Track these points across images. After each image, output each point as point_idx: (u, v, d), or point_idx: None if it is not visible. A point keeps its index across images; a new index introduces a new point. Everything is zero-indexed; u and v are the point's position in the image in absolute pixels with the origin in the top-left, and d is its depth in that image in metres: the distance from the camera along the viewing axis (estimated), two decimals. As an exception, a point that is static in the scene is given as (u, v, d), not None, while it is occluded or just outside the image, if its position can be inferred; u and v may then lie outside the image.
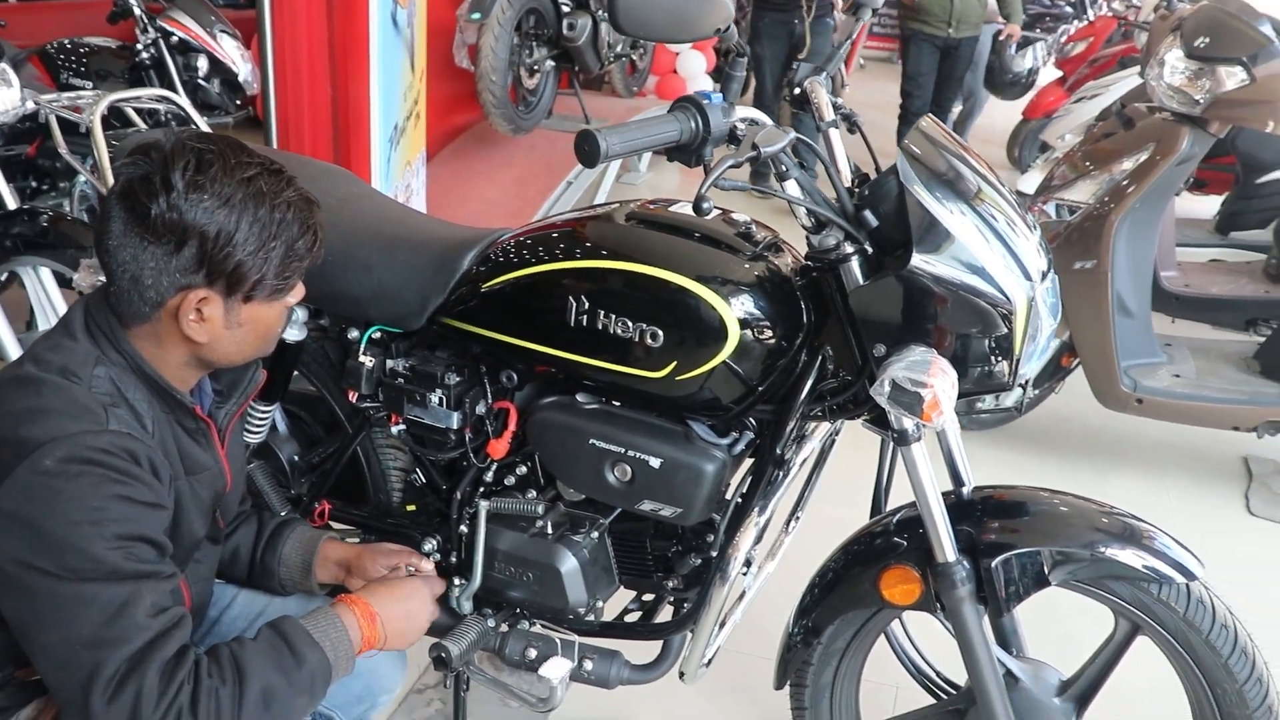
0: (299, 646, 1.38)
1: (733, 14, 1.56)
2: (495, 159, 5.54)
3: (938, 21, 6.12)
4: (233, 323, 1.38)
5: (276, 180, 1.36)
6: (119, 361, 1.35)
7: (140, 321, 1.35)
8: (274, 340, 1.48)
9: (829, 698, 1.94)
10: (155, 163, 1.30)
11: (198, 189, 1.29)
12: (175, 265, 1.30)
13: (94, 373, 1.32)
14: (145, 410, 1.36)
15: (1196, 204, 5.66)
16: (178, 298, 1.33)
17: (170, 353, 1.38)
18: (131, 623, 1.23)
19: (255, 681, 1.31)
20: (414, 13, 3.97)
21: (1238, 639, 1.65)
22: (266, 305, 1.40)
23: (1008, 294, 1.48)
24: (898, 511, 1.79)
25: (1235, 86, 2.96)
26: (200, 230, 1.29)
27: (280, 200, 1.35)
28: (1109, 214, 3.11)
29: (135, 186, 1.30)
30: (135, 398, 1.35)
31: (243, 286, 1.35)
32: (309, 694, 1.38)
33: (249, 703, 1.30)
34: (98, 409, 1.29)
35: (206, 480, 1.48)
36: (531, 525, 1.80)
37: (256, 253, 1.34)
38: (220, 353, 1.41)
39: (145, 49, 4.13)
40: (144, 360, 1.37)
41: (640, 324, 1.59)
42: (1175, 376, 3.32)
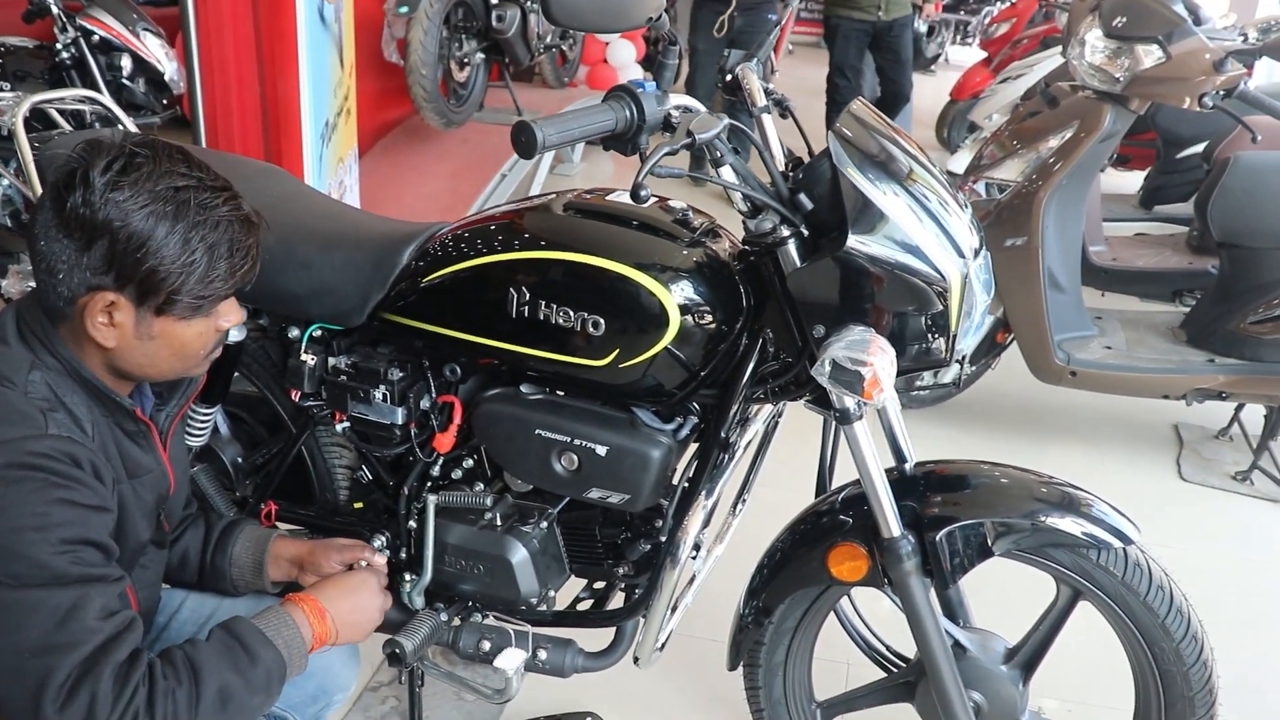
0: (252, 645, 1.37)
1: (663, 2, 1.57)
2: (428, 153, 5.50)
3: (868, 6, 5.91)
4: (143, 334, 1.34)
5: (212, 196, 1.33)
6: (54, 365, 1.33)
7: (62, 320, 1.33)
8: (197, 359, 1.42)
9: (782, 676, 1.96)
10: (86, 157, 1.28)
11: (116, 188, 1.26)
12: (85, 263, 1.27)
13: (29, 378, 1.30)
14: (84, 414, 1.34)
15: (1121, 180, 5.79)
16: (87, 297, 1.29)
17: (89, 354, 1.35)
18: (81, 627, 1.22)
19: (211, 682, 1.30)
20: (341, 7, 3.93)
21: (1173, 599, 1.71)
22: (183, 322, 1.35)
23: (942, 272, 1.50)
24: (842, 490, 1.82)
25: (1152, 64, 3.02)
26: (111, 229, 1.26)
27: (209, 217, 1.31)
28: (1037, 191, 3.17)
29: (62, 179, 1.28)
30: (73, 401, 1.33)
31: (155, 297, 1.31)
32: (265, 693, 1.38)
33: (206, 703, 1.29)
34: (35, 414, 1.27)
35: (149, 483, 1.46)
36: (480, 518, 1.80)
37: (173, 265, 1.29)
38: (132, 363, 1.36)
39: (65, 48, 4.03)
40: (79, 363, 1.35)
41: (581, 313, 1.60)
42: (1106, 348, 3.40)
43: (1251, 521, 3.23)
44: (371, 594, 1.63)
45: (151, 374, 1.41)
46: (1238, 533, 3.17)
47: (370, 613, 1.62)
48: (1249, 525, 3.21)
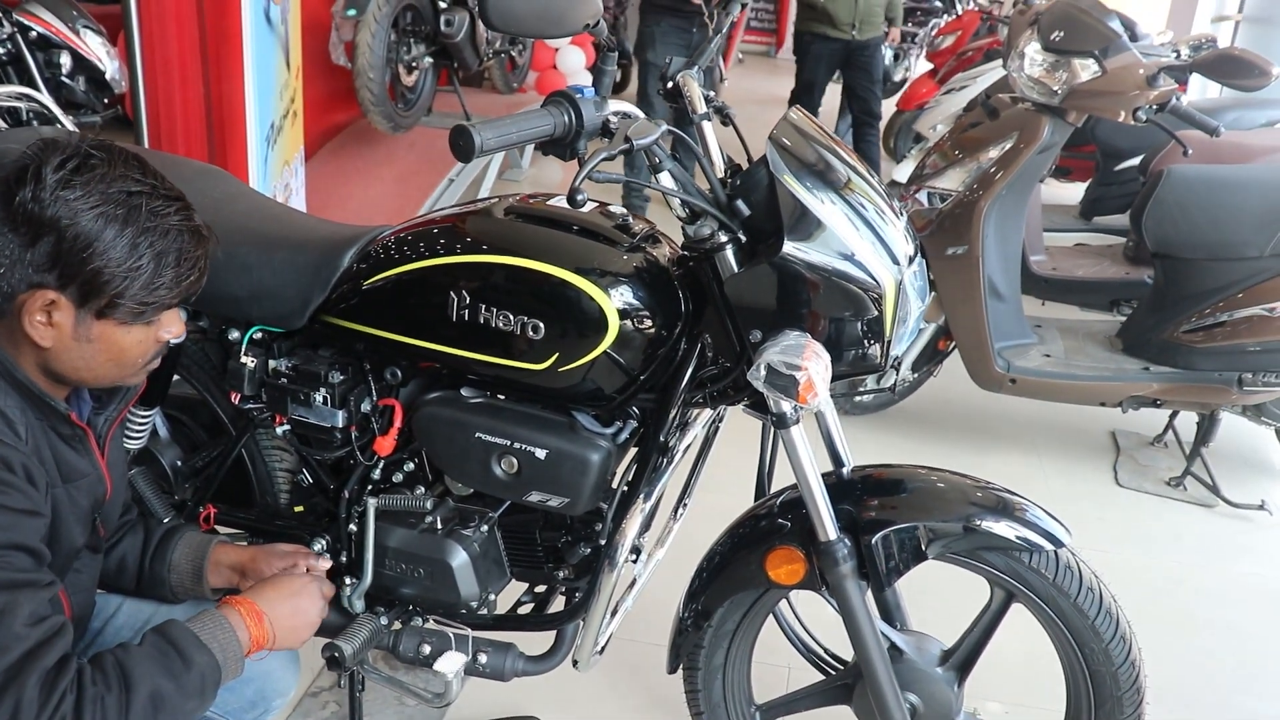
0: (186, 649, 1.36)
1: (601, 9, 1.58)
2: (375, 157, 5.47)
3: (842, 24, 5.88)
4: (81, 336, 1.32)
5: (164, 204, 1.32)
6: None
7: None
8: (134, 368, 1.41)
9: (721, 679, 1.98)
10: (40, 155, 1.27)
11: (67, 186, 1.25)
12: (29, 260, 1.26)
13: None
14: (17, 417, 1.32)
15: (1063, 190, 5.90)
16: (27, 294, 1.27)
17: (24, 355, 1.33)
18: (8, 633, 1.20)
19: (142, 687, 1.29)
20: (288, 9, 3.90)
21: (1103, 601, 1.74)
22: (123, 328, 1.34)
23: (877, 278, 1.53)
24: (781, 494, 1.84)
25: (1089, 78, 3.09)
26: (58, 227, 1.25)
27: (159, 224, 1.31)
28: (978, 201, 3.22)
29: (12, 174, 1.26)
30: (6, 404, 1.31)
31: (97, 300, 1.29)
32: (199, 697, 1.36)
33: (136, 709, 1.27)
34: None
35: (85, 487, 1.44)
36: (421, 521, 1.80)
37: (118, 268, 1.28)
38: (68, 365, 1.35)
39: (1, 44, 3.95)
40: (14, 365, 1.33)
41: (521, 317, 1.61)
42: (1046, 356, 3.45)
43: (1184, 526, 3.30)
44: (311, 597, 1.61)
45: (87, 378, 1.39)
46: (1171, 537, 3.24)
47: (309, 616, 1.60)
48: (1182, 529, 3.28)
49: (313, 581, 1.63)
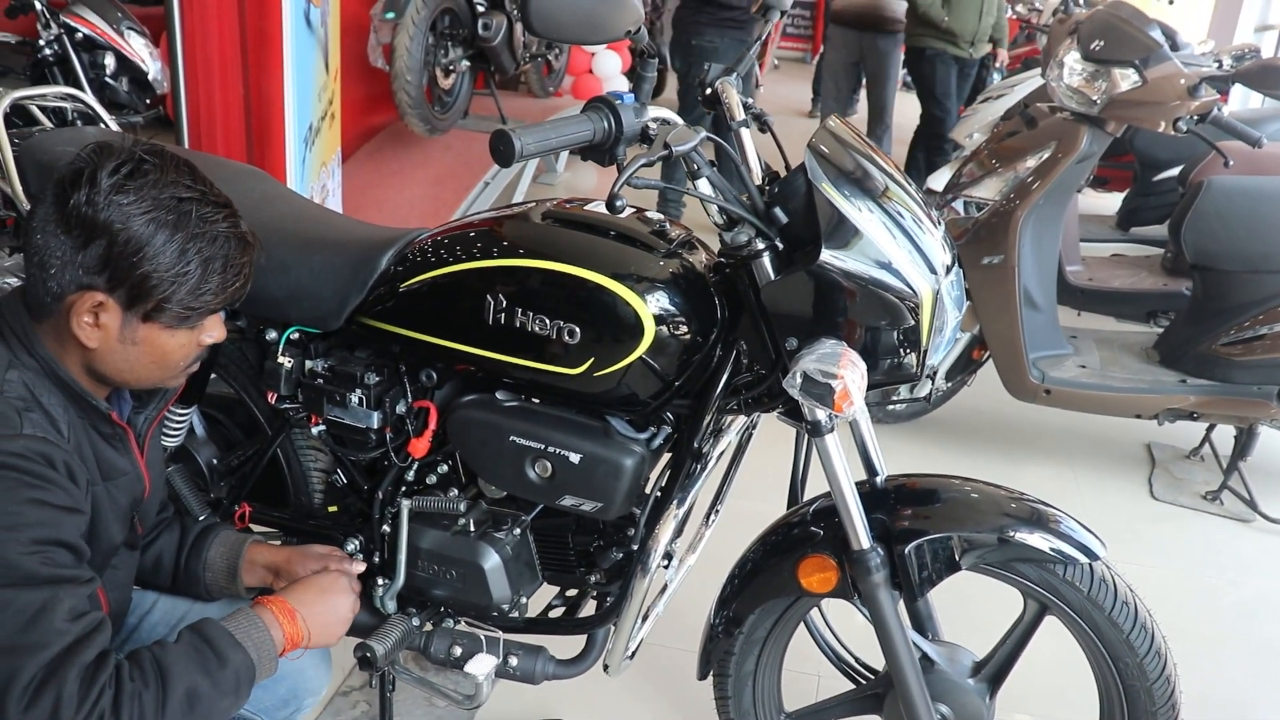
0: (221, 647, 1.37)
1: (643, 16, 1.58)
2: (411, 159, 5.50)
3: (963, 41, 5.89)
4: (127, 338, 1.34)
5: (213, 211, 1.34)
6: (32, 365, 1.33)
7: (46, 316, 1.33)
8: (175, 370, 1.43)
9: (751, 686, 1.97)
10: (95, 159, 1.29)
11: (121, 191, 1.27)
12: (80, 261, 1.28)
13: (6, 376, 1.30)
14: (60, 415, 1.34)
15: (1100, 201, 5.84)
16: (76, 295, 1.30)
17: (69, 354, 1.36)
18: (49, 628, 1.22)
19: (179, 684, 1.30)
20: (327, 11, 3.93)
21: (1138, 615, 1.73)
22: (168, 331, 1.36)
23: (914, 288, 1.52)
24: (814, 502, 1.83)
25: (1129, 88, 3.07)
26: (110, 231, 1.27)
27: (208, 231, 1.33)
28: (1014, 210, 3.20)
29: (68, 176, 1.29)
30: (50, 402, 1.33)
31: (144, 303, 1.32)
32: (234, 695, 1.38)
33: (173, 706, 1.29)
34: (11, 414, 1.27)
35: (124, 485, 1.46)
36: (454, 523, 1.81)
37: (166, 273, 1.30)
38: (111, 366, 1.37)
39: (48, 45, 4.01)
40: (57, 364, 1.35)
41: (558, 322, 1.61)
42: (1081, 367, 3.43)
43: (1220, 541, 3.26)
44: (342, 594, 1.62)
45: (129, 380, 1.41)
46: (1206, 551, 3.20)
47: (342, 613, 1.61)
48: (1218, 544, 3.24)
49: (344, 580, 1.64)
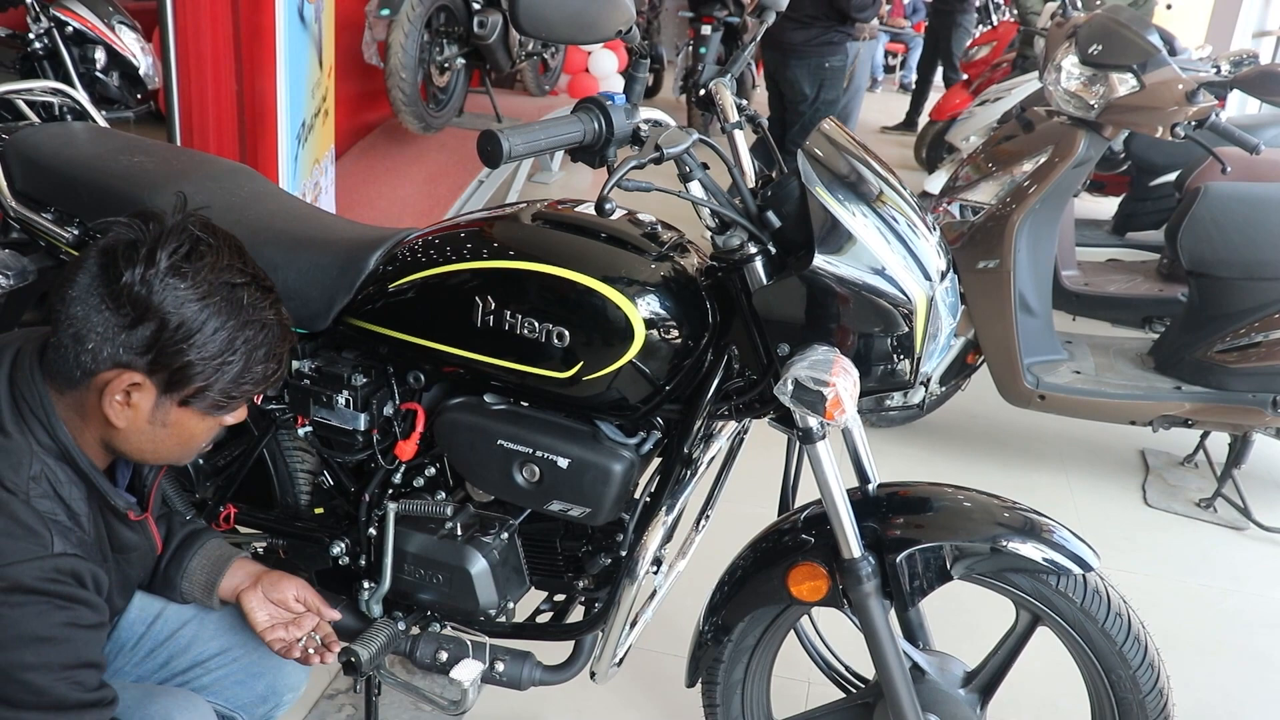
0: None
1: (634, 15, 1.56)
2: (405, 157, 5.48)
3: None
4: (158, 420, 1.32)
5: (262, 297, 1.33)
6: (51, 448, 1.30)
7: (69, 387, 1.30)
8: (195, 451, 1.42)
9: (740, 694, 1.95)
10: (150, 233, 1.25)
11: (178, 274, 1.25)
12: (124, 340, 1.25)
13: (30, 475, 1.26)
14: (81, 508, 1.32)
15: (1096, 205, 5.84)
16: (111, 373, 1.27)
17: (88, 428, 1.33)
18: None
19: None
20: (322, 8, 3.91)
21: (1131, 627, 1.71)
22: (199, 417, 1.35)
23: (908, 294, 1.51)
24: (805, 509, 1.82)
25: (1126, 93, 3.05)
26: (163, 314, 1.25)
27: (257, 319, 1.32)
28: (1010, 214, 3.18)
29: (119, 248, 1.25)
30: (70, 495, 1.30)
31: (183, 389, 1.30)
32: None
33: None
34: (41, 529, 1.24)
35: (137, 560, 1.46)
36: (441, 527, 1.79)
37: (211, 360, 1.29)
38: (133, 446, 1.35)
39: (38, 39, 3.97)
40: (78, 451, 1.31)
41: (547, 324, 1.59)
42: (1075, 373, 3.41)
43: (1214, 549, 3.25)
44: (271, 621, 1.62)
45: (148, 459, 1.39)
46: (1200, 559, 3.19)
47: None
48: (1211, 552, 3.23)
49: None
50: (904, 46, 12.41)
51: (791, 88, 4.93)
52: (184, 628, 1.66)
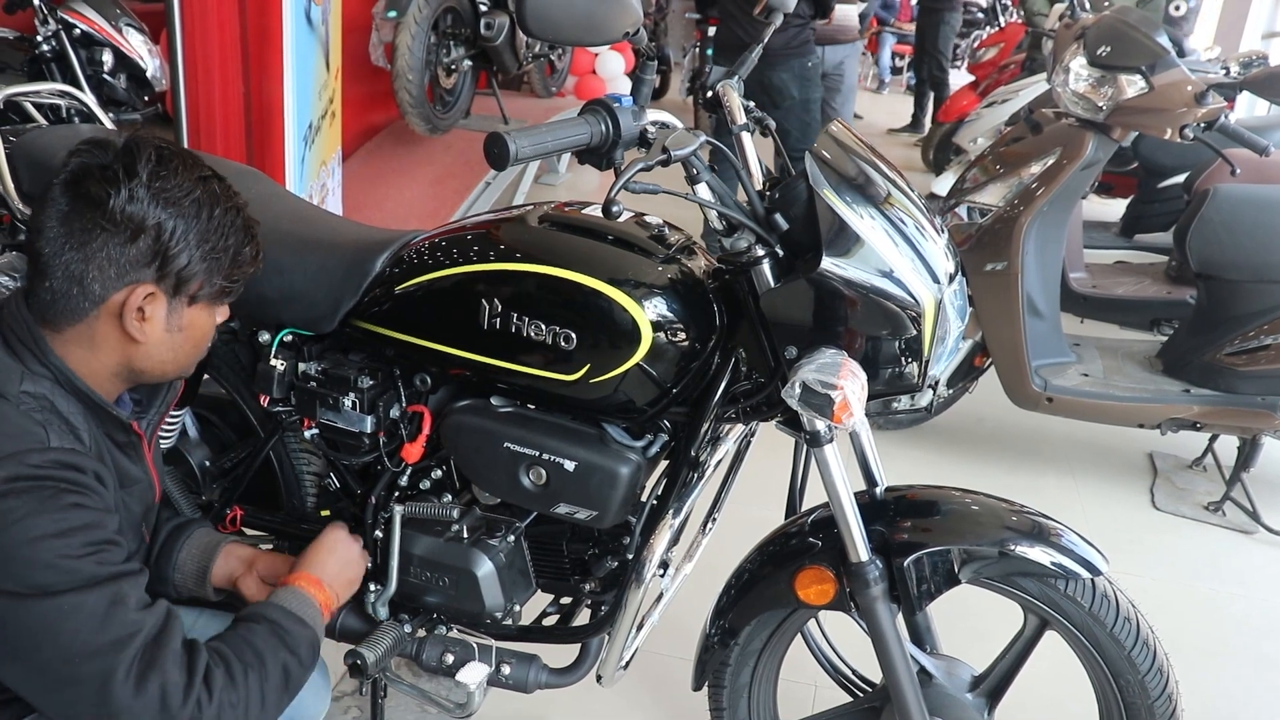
0: (291, 626, 1.42)
1: (641, 17, 1.56)
2: (412, 159, 5.49)
3: None
4: (174, 325, 1.36)
5: (226, 187, 1.38)
6: (45, 375, 1.30)
7: (74, 322, 1.31)
8: (203, 352, 1.46)
9: (747, 698, 1.95)
10: (114, 154, 1.28)
11: (159, 179, 1.28)
12: (126, 257, 1.28)
13: (21, 389, 1.27)
14: (80, 424, 1.32)
15: (1103, 207, 5.82)
16: (123, 293, 1.29)
17: (103, 358, 1.34)
18: (125, 621, 1.22)
19: (274, 663, 1.36)
20: (329, 9, 3.92)
21: (1140, 631, 1.70)
22: (206, 311, 1.39)
23: (916, 297, 1.50)
24: (812, 512, 1.81)
25: (1135, 94, 3.04)
26: (158, 222, 1.28)
27: (232, 204, 1.37)
28: (1018, 216, 3.17)
29: (91, 174, 1.27)
30: (68, 410, 1.31)
31: (189, 287, 1.34)
32: (311, 668, 1.43)
33: (273, 683, 1.34)
34: (34, 427, 1.24)
35: (138, 494, 1.45)
36: (447, 529, 1.79)
37: (210, 253, 1.33)
38: (155, 359, 1.37)
39: (46, 41, 3.98)
40: (72, 373, 1.32)
41: (554, 327, 1.59)
42: (1083, 375, 3.40)
43: (1222, 552, 3.23)
44: (348, 546, 1.65)
45: (169, 370, 1.41)
46: (1208, 563, 3.17)
47: (354, 564, 1.65)
48: (1219, 556, 3.21)
49: (341, 529, 1.67)
50: (911, 48, 12.39)
51: (779, 93, 4.84)
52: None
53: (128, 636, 1.21)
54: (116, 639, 1.21)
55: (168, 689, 1.21)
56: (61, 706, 1.22)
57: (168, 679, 1.22)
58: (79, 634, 1.19)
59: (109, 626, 1.20)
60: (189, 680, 1.24)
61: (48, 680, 1.20)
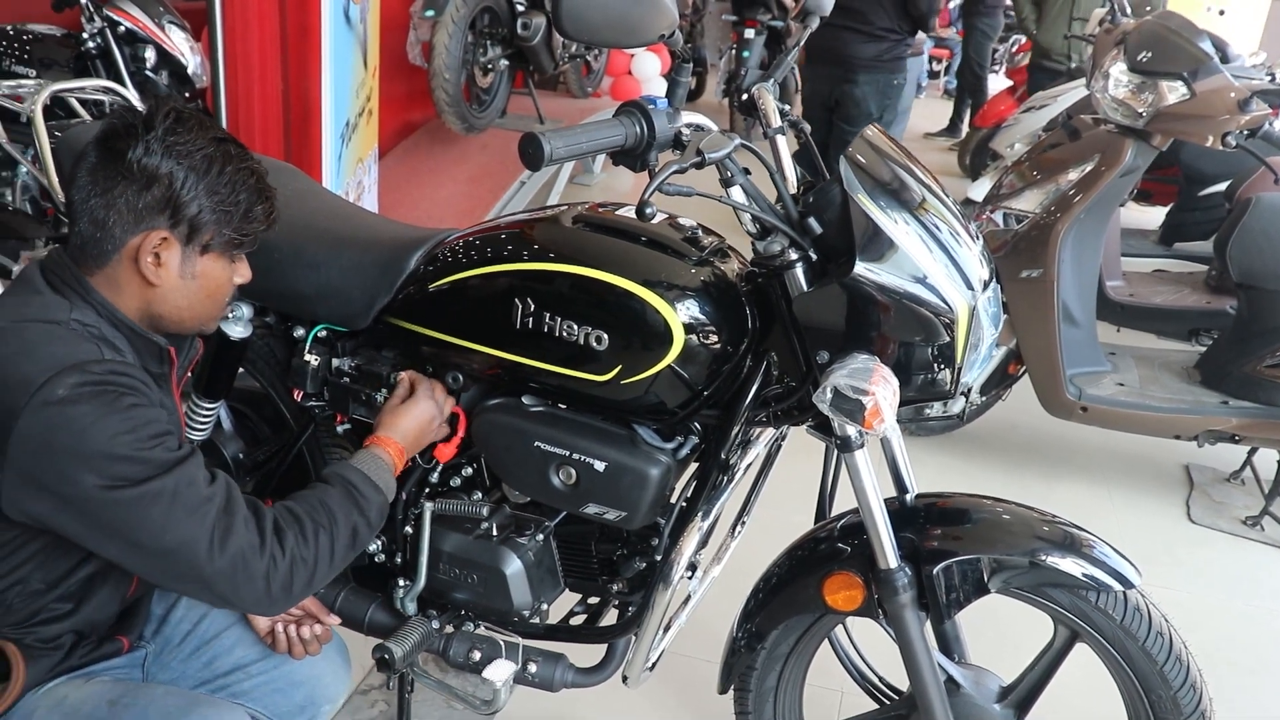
0: (365, 489, 1.54)
1: (676, 20, 1.55)
2: (448, 157, 5.51)
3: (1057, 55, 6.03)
4: (187, 273, 1.44)
5: (242, 150, 1.47)
6: (87, 307, 1.40)
7: (101, 265, 1.41)
8: (220, 307, 1.54)
9: (773, 702, 1.94)
10: (139, 116, 1.40)
11: (174, 135, 1.38)
12: (142, 204, 1.38)
13: (71, 317, 1.37)
14: (125, 348, 1.42)
15: (1142, 215, 5.76)
16: (139, 237, 1.39)
17: (126, 301, 1.43)
18: (198, 497, 1.34)
19: (344, 523, 1.48)
20: (367, 8, 3.94)
21: (1173, 646, 1.68)
22: (220, 262, 1.47)
23: (950, 303, 1.49)
24: (842, 517, 1.80)
25: (1176, 101, 3.01)
26: (170, 172, 1.38)
27: (247, 164, 1.46)
28: (1055, 223, 3.15)
29: (116, 131, 1.39)
30: (115, 337, 1.41)
31: (201, 236, 1.42)
32: (378, 527, 1.56)
33: (342, 541, 1.47)
34: (89, 344, 1.35)
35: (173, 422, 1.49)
36: (476, 527, 1.80)
37: (220, 205, 1.42)
38: (170, 304, 1.45)
39: (91, 38, 4.05)
40: (114, 307, 1.42)
41: (586, 327, 1.59)
42: (1119, 385, 3.37)
43: (1259, 568, 3.19)
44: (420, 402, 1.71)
45: (186, 317, 1.49)
46: (1245, 579, 3.13)
47: (427, 417, 1.71)
48: (1256, 572, 3.17)
49: (422, 386, 1.73)
50: (949, 52, 12.31)
51: (857, 106, 4.64)
52: (229, 630, 1.69)
53: (203, 510, 1.34)
54: (195, 514, 1.33)
55: (244, 550, 1.35)
56: (160, 574, 1.37)
57: (243, 541, 1.35)
58: (164, 514, 1.31)
59: (187, 503, 1.33)
60: (261, 540, 1.37)
61: (145, 555, 1.33)
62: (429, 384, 1.74)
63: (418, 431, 1.69)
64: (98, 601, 1.51)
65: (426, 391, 1.72)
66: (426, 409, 1.71)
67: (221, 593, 1.36)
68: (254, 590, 1.37)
